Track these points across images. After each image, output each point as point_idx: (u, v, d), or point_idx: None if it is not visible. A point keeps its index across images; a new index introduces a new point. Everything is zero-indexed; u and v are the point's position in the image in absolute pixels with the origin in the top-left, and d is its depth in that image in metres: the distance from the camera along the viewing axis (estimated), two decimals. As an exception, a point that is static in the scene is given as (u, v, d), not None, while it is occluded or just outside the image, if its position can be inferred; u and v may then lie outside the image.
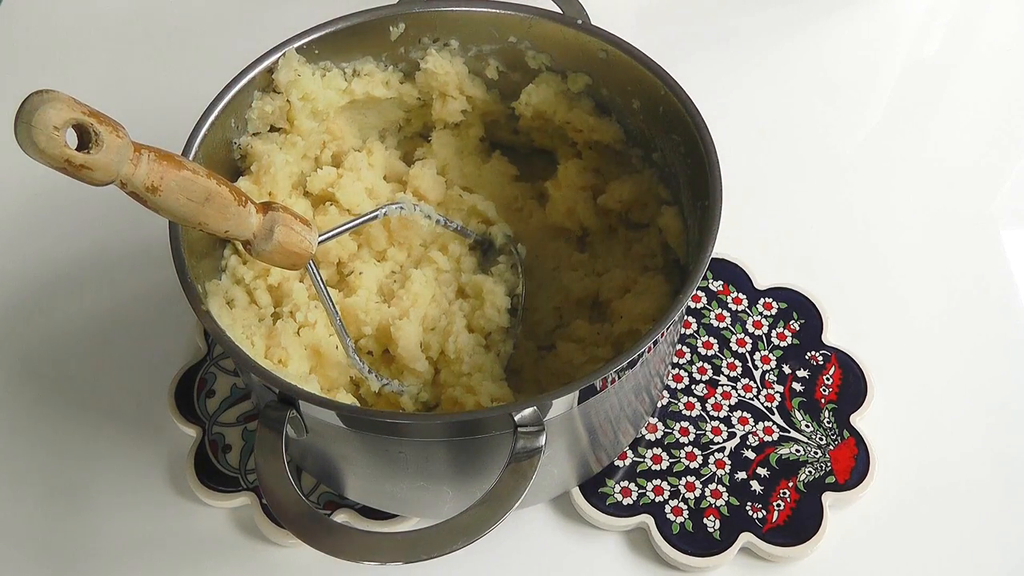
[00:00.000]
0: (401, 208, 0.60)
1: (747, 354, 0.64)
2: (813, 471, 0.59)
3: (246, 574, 0.58)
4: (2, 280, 0.71)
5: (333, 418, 0.48)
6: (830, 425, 0.61)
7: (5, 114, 0.39)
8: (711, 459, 0.60)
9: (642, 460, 0.60)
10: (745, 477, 0.59)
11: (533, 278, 0.64)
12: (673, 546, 0.56)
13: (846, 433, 0.60)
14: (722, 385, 0.63)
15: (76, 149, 0.38)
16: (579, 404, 0.49)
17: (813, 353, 0.64)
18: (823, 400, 0.62)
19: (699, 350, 0.64)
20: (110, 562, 0.58)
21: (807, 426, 0.61)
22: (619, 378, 0.50)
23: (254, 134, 0.60)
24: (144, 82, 0.83)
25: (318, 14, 0.61)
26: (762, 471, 0.59)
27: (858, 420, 0.61)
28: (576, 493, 0.58)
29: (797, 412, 0.62)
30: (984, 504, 0.59)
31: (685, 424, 0.61)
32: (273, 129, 0.61)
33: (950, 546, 0.58)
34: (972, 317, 0.67)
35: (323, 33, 0.59)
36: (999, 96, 0.82)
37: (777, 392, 0.62)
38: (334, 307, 0.54)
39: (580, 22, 0.60)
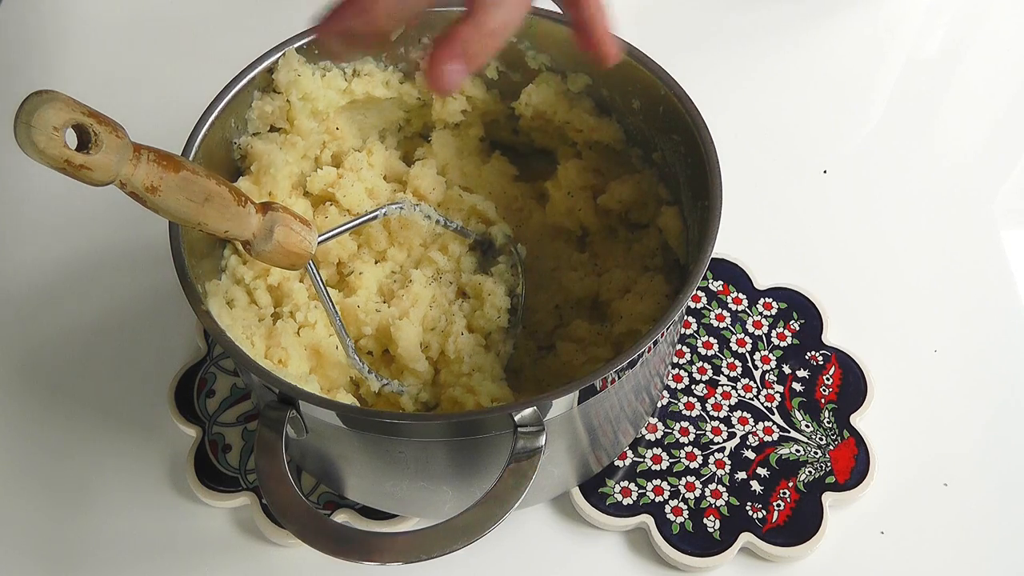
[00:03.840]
0: (401, 208, 0.60)
1: (747, 354, 0.64)
2: (813, 471, 0.59)
3: (246, 574, 0.58)
4: (2, 280, 0.71)
5: (333, 418, 0.48)
6: (830, 425, 0.61)
7: (5, 114, 0.39)
8: (711, 459, 0.60)
9: (642, 460, 0.60)
10: (745, 477, 0.59)
11: (533, 278, 0.64)
12: (673, 546, 0.56)
13: (846, 433, 0.60)
14: (722, 385, 0.63)
15: (76, 149, 0.38)
16: (579, 404, 0.49)
17: (813, 353, 0.64)
18: (823, 400, 0.62)
19: (699, 350, 0.64)
20: (110, 562, 0.58)
21: (807, 426, 0.61)
22: (619, 378, 0.50)
23: (254, 134, 0.60)
24: (144, 82, 0.83)
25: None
26: (762, 471, 0.59)
27: (858, 420, 0.61)
28: (576, 493, 0.58)
29: (797, 412, 0.62)
30: (984, 504, 0.59)
31: (685, 424, 0.61)
32: (273, 129, 0.61)
33: (950, 546, 0.58)
34: (972, 317, 0.67)
35: (323, 33, 0.59)
36: (999, 96, 0.82)
37: (777, 392, 0.62)
38: (334, 307, 0.54)
39: (580, 22, 0.60)
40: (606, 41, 0.46)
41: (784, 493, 0.58)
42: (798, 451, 0.60)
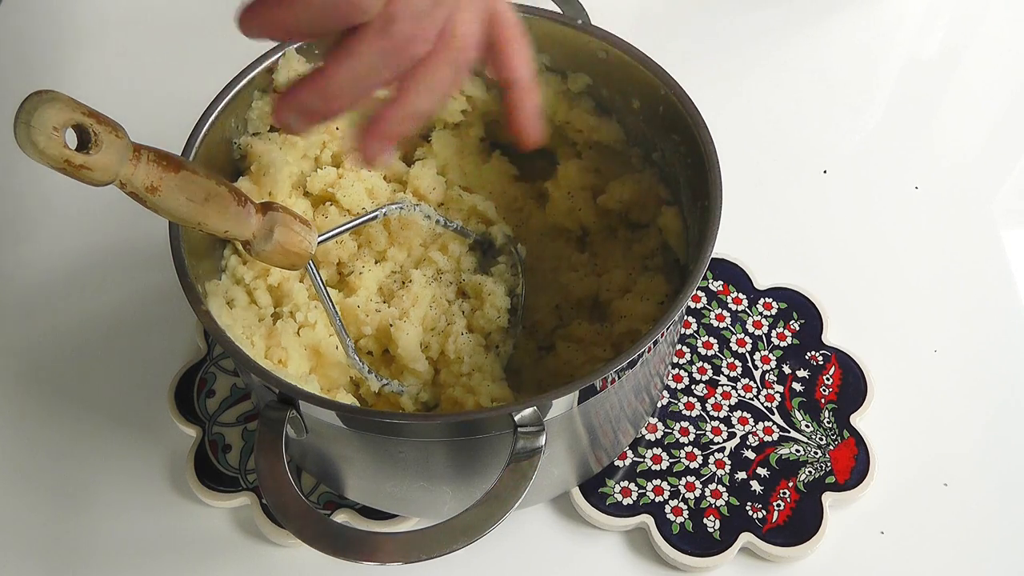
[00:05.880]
0: (401, 208, 0.60)
1: (747, 354, 0.64)
2: (813, 471, 0.59)
3: (246, 574, 0.58)
4: (2, 280, 0.71)
5: (333, 418, 0.48)
6: (830, 425, 0.61)
7: (5, 114, 0.39)
8: (711, 459, 0.60)
9: (642, 460, 0.60)
10: (745, 477, 0.59)
11: (533, 278, 0.64)
12: (673, 546, 0.56)
13: (846, 433, 0.60)
14: (722, 385, 0.63)
15: (75, 149, 0.38)
16: (579, 404, 0.49)
17: (813, 353, 0.64)
18: (823, 400, 0.62)
19: (699, 350, 0.64)
20: (110, 562, 0.58)
21: (807, 426, 0.61)
22: (619, 378, 0.50)
23: (254, 134, 0.60)
24: (144, 82, 0.83)
25: (318, 14, 0.61)
26: (762, 471, 0.59)
27: (858, 420, 0.61)
28: (576, 493, 0.58)
29: (797, 412, 0.62)
30: (984, 504, 0.59)
31: (685, 424, 0.61)
32: (273, 129, 0.61)
33: (950, 546, 0.58)
34: (972, 317, 0.67)
35: (323, 33, 0.59)
36: (998, 97, 0.82)
37: (777, 392, 0.62)
38: (334, 307, 0.54)
39: (580, 22, 0.60)
40: (530, 125, 0.48)
41: (784, 493, 0.58)
42: (798, 451, 0.60)
